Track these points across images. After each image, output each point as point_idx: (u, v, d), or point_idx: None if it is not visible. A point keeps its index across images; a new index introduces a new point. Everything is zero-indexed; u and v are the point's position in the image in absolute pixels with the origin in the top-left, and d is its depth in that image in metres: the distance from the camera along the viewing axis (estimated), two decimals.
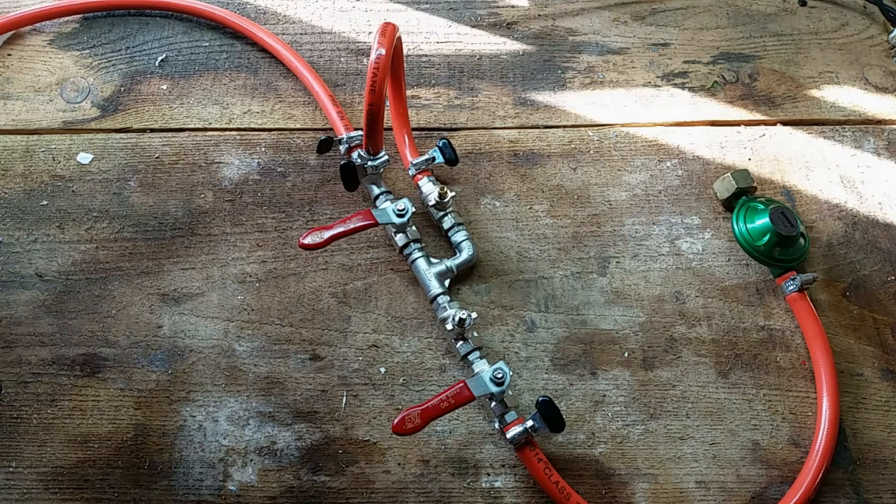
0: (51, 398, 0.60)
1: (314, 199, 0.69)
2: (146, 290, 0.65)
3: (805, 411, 0.61)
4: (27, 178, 0.70)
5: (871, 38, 0.81)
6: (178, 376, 0.61)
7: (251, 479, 0.58)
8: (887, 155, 0.73)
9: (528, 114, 0.75)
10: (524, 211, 0.69)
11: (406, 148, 0.69)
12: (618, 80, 0.77)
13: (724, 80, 0.77)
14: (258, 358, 0.62)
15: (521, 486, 0.58)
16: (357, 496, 0.57)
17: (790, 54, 0.79)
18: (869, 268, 0.68)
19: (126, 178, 0.70)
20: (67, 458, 0.58)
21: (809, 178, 0.72)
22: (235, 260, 0.66)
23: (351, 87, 0.76)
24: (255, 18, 0.80)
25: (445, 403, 0.54)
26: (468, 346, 0.60)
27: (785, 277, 0.64)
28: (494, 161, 0.72)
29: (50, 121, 0.73)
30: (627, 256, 0.67)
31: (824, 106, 0.76)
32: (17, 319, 0.63)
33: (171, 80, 0.76)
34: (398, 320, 0.64)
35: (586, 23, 0.81)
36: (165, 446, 0.59)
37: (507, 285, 0.66)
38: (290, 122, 0.73)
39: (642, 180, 0.71)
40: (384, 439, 0.59)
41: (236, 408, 0.60)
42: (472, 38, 0.79)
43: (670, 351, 0.63)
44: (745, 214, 0.66)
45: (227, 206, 0.69)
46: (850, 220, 0.70)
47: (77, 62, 0.77)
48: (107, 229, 0.68)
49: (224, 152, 0.72)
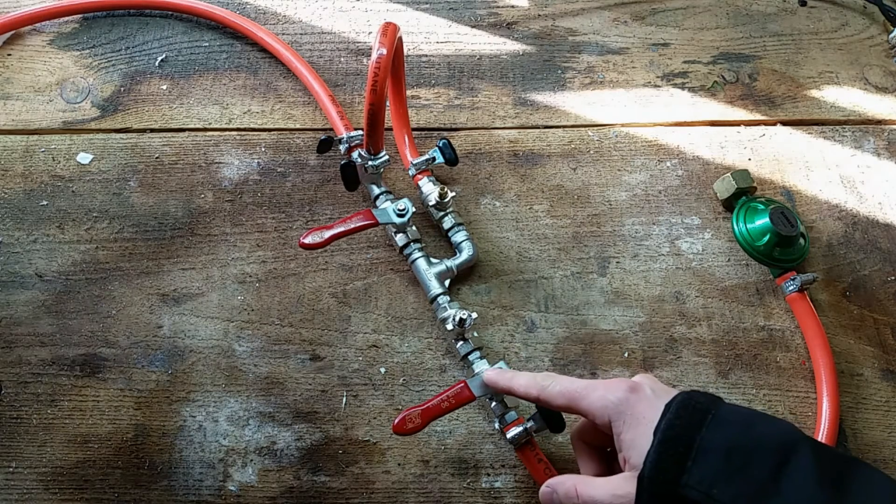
0: (51, 398, 0.60)
1: (314, 199, 0.69)
2: (146, 290, 0.65)
3: (805, 411, 0.61)
4: (27, 178, 0.70)
5: (871, 38, 0.81)
6: (178, 376, 0.61)
7: (251, 480, 0.58)
8: (887, 155, 0.73)
9: (528, 114, 0.75)
10: (524, 211, 0.69)
11: (406, 148, 0.69)
12: (618, 80, 0.77)
13: (724, 80, 0.77)
14: (258, 358, 0.62)
15: (521, 486, 0.58)
16: (357, 496, 0.58)
17: (790, 54, 0.79)
18: (869, 268, 0.68)
19: (126, 178, 0.70)
20: (67, 459, 0.58)
21: (809, 178, 0.72)
22: (235, 260, 0.66)
23: (351, 87, 0.76)
24: (255, 18, 0.80)
25: (446, 403, 0.54)
26: (468, 346, 0.60)
27: (785, 277, 0.64)
28: (494, 161, 0.72)
29: (50, 121, 0.73)
30: (627, 256, 0.67)
31: (824, 106, 0.76)
32: (17, 319, 0.63)
33: (171, 80, 0.76)
34: (398, 320, 0.64)
35: (586, 23, 0.81)
36: (165, 446, 0.59)
37: (507, 285, 0.66)
38: (290, 122, 0.73)
39: (642, 180, 0.71)
40: (384, 439, 0.59)
41: (236, 408, 0.60)
42: (472, 38, 0.79)
43: (670, 351, 0.63)
44: (745, 214, 0.66)
45: (227, 206, 0.69)
46: (850, 220, 0.70)
47: (77, 62, 0.77)
48: (107, 229, 0.68)
49: (224, 152, 0.72)
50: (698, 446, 0.41)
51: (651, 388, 0.46)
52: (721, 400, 0.45)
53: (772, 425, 0.43)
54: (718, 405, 0.44)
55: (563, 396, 0.49)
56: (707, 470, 0.41)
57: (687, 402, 0.44)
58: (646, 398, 0.45)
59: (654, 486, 0.42)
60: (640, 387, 0.46)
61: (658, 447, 0.42)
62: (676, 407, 0.43)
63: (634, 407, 0.45)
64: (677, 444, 0.42)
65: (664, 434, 0.42)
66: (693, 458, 0.41)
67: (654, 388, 0.46)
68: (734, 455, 0.41)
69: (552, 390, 0.49)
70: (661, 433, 0.42)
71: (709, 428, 0.42)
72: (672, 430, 0.42)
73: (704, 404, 0.43)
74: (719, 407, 0.43)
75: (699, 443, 0.41)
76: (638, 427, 0.44)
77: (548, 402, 0.50)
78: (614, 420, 0.46)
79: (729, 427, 0.42)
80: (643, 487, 0.42)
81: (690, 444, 0.41)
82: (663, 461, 0.42)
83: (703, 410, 0.43)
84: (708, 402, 0.44)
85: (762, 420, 0.43)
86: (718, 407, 0.43)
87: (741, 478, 0.40)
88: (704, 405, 0.43)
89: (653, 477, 0.42)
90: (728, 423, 0.42)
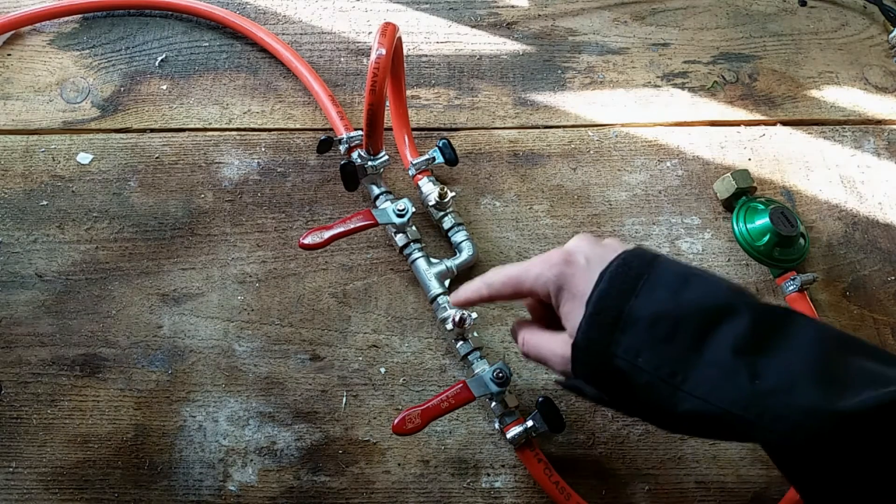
0: (51, 398, 0.60)
1: (314, 199, 0.69)
2: (146, 290, 0.65)
3: None
4: (27, 178, 0.70)
5: (871, 38, 0.81)
6: (178, 376, 0.61)
7: (251, 480, 0.58)
8: (887, 155, 0.73)
9: (528, 114, 0.75)
10: (524, 211, 0.69)
11: (406, 148, 0.69)
12: (618, 80, 0.77)
13: (724, 80, 0.77)
14: (258, 358, 0.62)
15: (521, 486, 0.58)
16: (357, 496, 0.58)
17: (790, 54, 0.79)
18: (869, 268, 0.68)
19: (126, 178, 0.70)
20: (67, 459, 0.58)
21: (809, 178, 0.72)
22: (235, 260, 0.66)
23: (351, 87, 0.76)
24: (255, 18, 0.80)
25: (446, 403, 0.54)
26: (468, 346, 0.60)
27: (785, 278, 0.64)
28: (494, 161, 0.72)
29: (50, 121, 0.73)
30: None
31: (824, 106, 0.76)
32: (17, 319, 0.63)
33: (171, 80, 0.76)
34: (398, 320, 0.64)
35: (586, 23, 0.81)
36: (165, 446, 0.59)
37: None
38: (290, 122, 0.73)
39: (642, 180, 0.71)
40: (384, 439, 0.59)
41: (236, 408, 0.60)
42: (472, 38, 0.79)
43: None
44: (745, 214, 0.66)
45: (227, 206, 0.69)
46: (850, 220, 0.70)
47: (77, 62, 0.77)
48: (107, 229, 0.68)
49: (224, 152, 0.72)
50: (626, 315, 0.41)
51: (586, 256, 0.46)
52: (658, 259, 0.44)
53: (705, 287, 0.42)
54: (653, 267, 0.43)
55: (508, 286, 0.49)
56: (633, 339, 0.41)
57: (619, 270, 0.43)
58: (580, 269, 0.45)
59: (586, 356, 0.43)
60: (574, 258, 0.46)
61: (588, 318, 0.42)
62: (609, 276, 0.43)
63: (570, 281, 0.45)
64: (606, 315, 0.42)
65: (594, 306, 0.42)
66: (621, 328, 0.41)
67: (589, 255, 0.46)
68: (661, 323, 0.40)
69: (496, 284, 0.49)
70: (591, 305, 0.42)
71: (639, 295, 0.41)
72: (602, 301, 0.42)
73: (637, 269, 0.43)
74: (653, 270, 0.43)
75: (627, 312, 0.41)
76: (574, 300, 0.44)
77: (498, 296, 0.50)
78: (553, 295, 0.46)
79: (659, 292, 0.41)
80: (577, 356, 0.43)
81: (619, 314, 0.41)
82: (592, 332, 0.42)
83: (635, 276, 0.42)
84: (642, 265, 0.43)
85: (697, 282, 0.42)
86: (652, 270, 0.43)
87: (665, 346, 0.40)
88: (637, 270, 0.43)
89: (584, 347, 0.42)
90: (659, 287, 0.42)
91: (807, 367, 0.38)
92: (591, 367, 0.43)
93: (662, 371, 0.40)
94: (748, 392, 0.38)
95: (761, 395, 0.37)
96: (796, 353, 0.39)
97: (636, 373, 0.40)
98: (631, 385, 0.41)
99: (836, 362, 0.38)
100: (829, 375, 0.38)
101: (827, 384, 0.37)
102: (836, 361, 0.38)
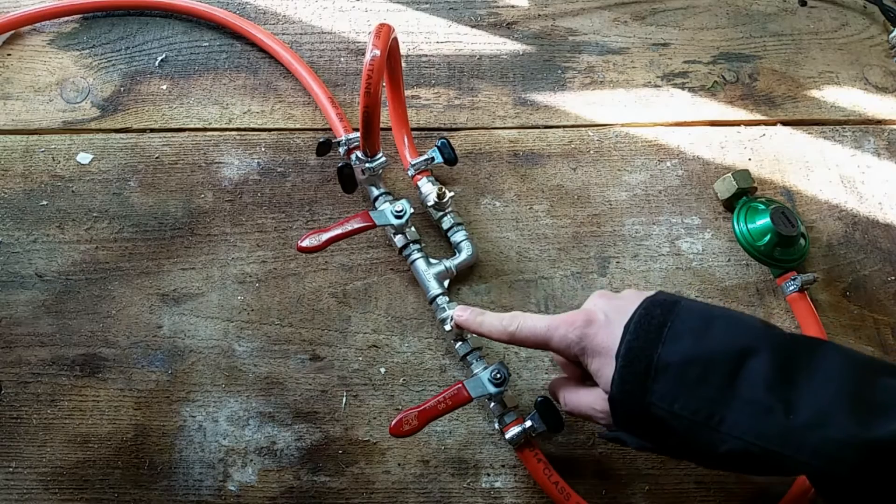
0: (51, 398, 0.60)
1: (314, 200, 0.69)
2: (146, 290, 0.65)
3: None
4: (27, 178, 0.70)
5: (871, 38, 0.81)
6: (178, 376, 0.61)
7: (251, 480, 0.58)
8: (887, 155, 0.73)
9: (528, 114, 0.75)
10: (524, 211, 0.69)
11: (405, 148, 0.69)
12: (618, 80, 0.77)
13: (724, 80, 0.77)
14: (258, 358, 0.62)
15: (521, 486, 0.58)
16: (357, 496, 0.58)
17: (790, 54, 0.79)
18: (869, 268, 0.68)
19: (126, 178, 0.70)
20: (67, 459, 0.58)
21: (809, 178, 0.72)
22: (235, 260, 0.66)
23: (351, 87, 0.76)
24: (255, 18, 0.80)
25: (443, 405, 0.54)
26: (467, 346, 0.60)
27: (785, 278, 0.64)
28: (494, 161, 0.72)
29: (50, 121, 0.73)
30: (627, 256, 0.67)
31: (824, 106, 0.76)
32: (17, 319, 0.63)
33: (171, 80, 0.76)
34: (398, 320, 0.64)
35: (586, 23, 0.81)
36: (165, 446, 0.59)
37: (507, 285, 0.66)
38: (290, 122, 0.73)
39: (642, 180, 0.71)
40: (384, 439, 0.59)
41: (236, 408, 0.60)
42: (472, 38, 0.79)
43: None
44: (745, 214, 0.66)
45: (227, 206, 0.69)
46: (850, 220, 0.70)
47: (77, 62, 0.77)
48: (107, 229, 0.68)
49: (224, 152, 0.72)
50: (656, 364, 0.42)
51: (605, 313, 0.47)
52: (679, 304, 0.44)
53: (729, 327, 0.43)
54: (675, 313, 0.43)
55: (530, 341, 0.50)
56: (667, 386, 0.41)
57: (643, 320, 0.44)
58: (602, 328, 0.46)
59: (623, 409, 0.43)
60: (594, 317, 0.47)
61: (620, 371, 0.43)
62: (634, 327, 0.44)
63: (593, 340, 0.46)
64: (636, 366, 0.42)
65: (623, 359, 0.43)
66: (653, 377, 0.42)
67: (608, 312, 0.47)
68: (691, 367, 0.41)
69: (521, 335, 0.50)
70: (621, 358, 0.43)
71: (665, 343, 0.42)
72: (630, 353, 0.43)
73: (660, 317, 0.43)
74: (676, 316, 0.43)
75: (656, 361, 0.42)
76: (600, 357, 0.45)
77: (520, 344, 0.51)
78: (580, 356, 0.47)
79: (685, 338, 0.42)
80: (615, 409, 0.44)
81: (649, 364, 0.42)
82: (626, 384, 0.43)
83: (658, 325, 0.43)
84: (664, 313, 0.44)
85: (721, 322, 0.43)
86: (675, 316, 0.43)
87: (699, 390, 0.41)
88: (660, 318, 0.43)
89: (620, 400, 0.43)
90: (684, 333, 0.42)
91: (838, 395, 0.39)
92: (631, 419, 0.44)
93: (700, 415, 0.40)
94: (784, 428, 0.38)
95: (797, 431, 0.38)
96: (826, 383, 0.39)
97: (675, 419, 0.41)
98: (671, 431, 0.42)
99: (866, 386, 0.39)
100: (861, 401, 0.38)
101: (860, 411, 0.38)
102: (866, 385, 0.39)
